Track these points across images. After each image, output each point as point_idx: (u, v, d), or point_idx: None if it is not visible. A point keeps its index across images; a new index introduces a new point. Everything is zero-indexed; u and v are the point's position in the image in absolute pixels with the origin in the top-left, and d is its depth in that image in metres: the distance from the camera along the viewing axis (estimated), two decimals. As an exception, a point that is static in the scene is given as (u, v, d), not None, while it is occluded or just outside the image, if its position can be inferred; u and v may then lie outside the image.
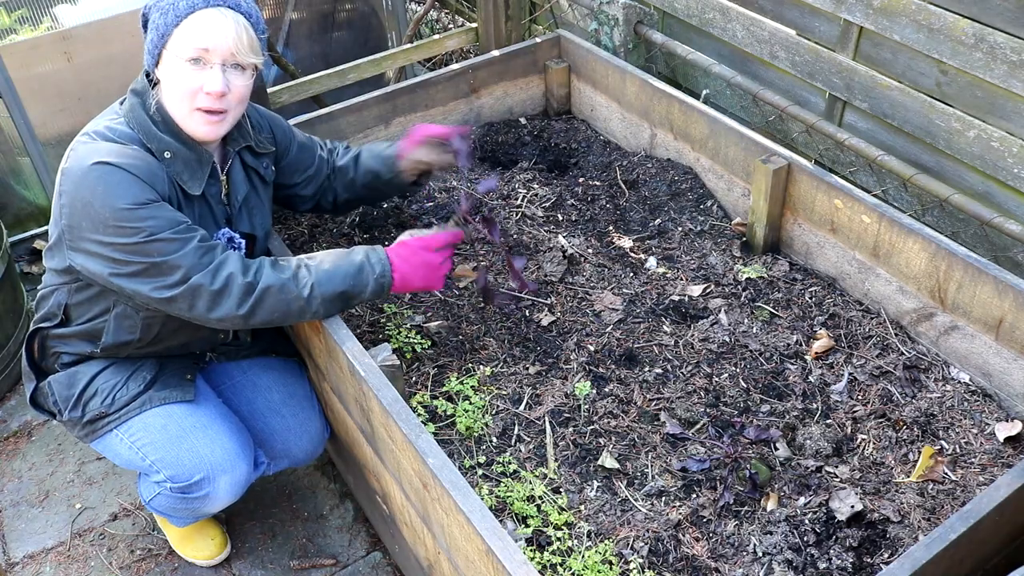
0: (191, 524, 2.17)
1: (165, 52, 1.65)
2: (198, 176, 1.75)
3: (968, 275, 1.78)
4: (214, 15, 1.63)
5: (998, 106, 2.05)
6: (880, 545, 1.56)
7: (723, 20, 2.66)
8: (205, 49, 1.63)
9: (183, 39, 1.62)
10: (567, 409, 1.84)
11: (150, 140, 1.69)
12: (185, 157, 1.73)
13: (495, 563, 1.31)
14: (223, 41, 1.63)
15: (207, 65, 1.64)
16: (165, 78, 1.68)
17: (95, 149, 1.64)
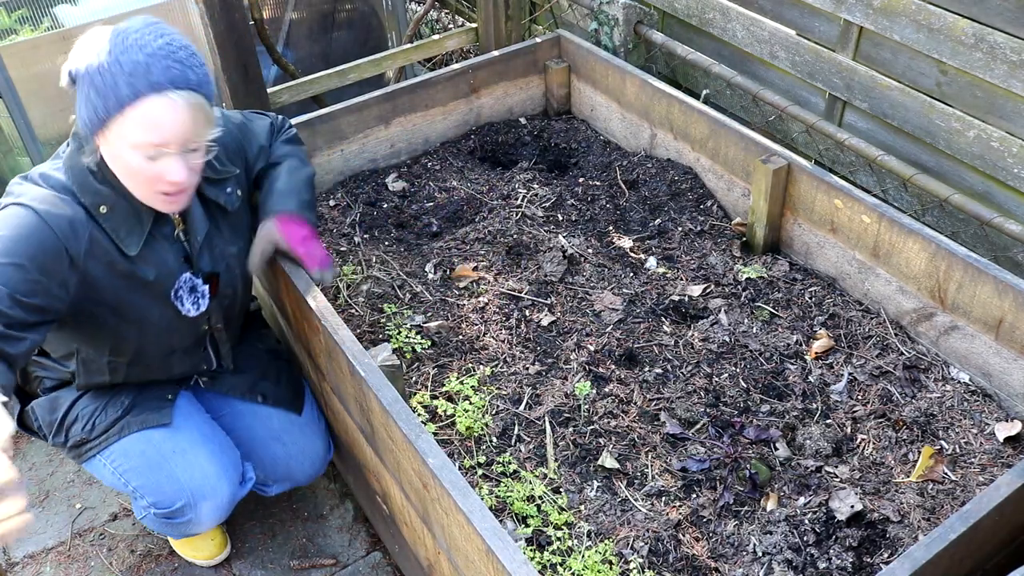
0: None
1: (107, 132, 1.51)
2: (136, 232, 1.63)
3: (968, 275, 1.78)
4: (163, 104, 1.47)
5: (998, 106, 2.05)
6: (880, 545, 1.56)
7: (723, 20, 2.66)
8: (159, 144, 1.50)
9: (131, 129, 1.48)
10: (567, 409, 1.84)
11: (84, 193, 1.57)
12: (123, 211, 1.61)
13: (495, 563, 1.31)
14: (178, 132, 1.49)
15: (163, 155, 1.52)
16: (112, 155, 1.55)
17: (21, 192, 1.55)
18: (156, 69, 1.46)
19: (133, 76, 1.45)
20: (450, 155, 2.65)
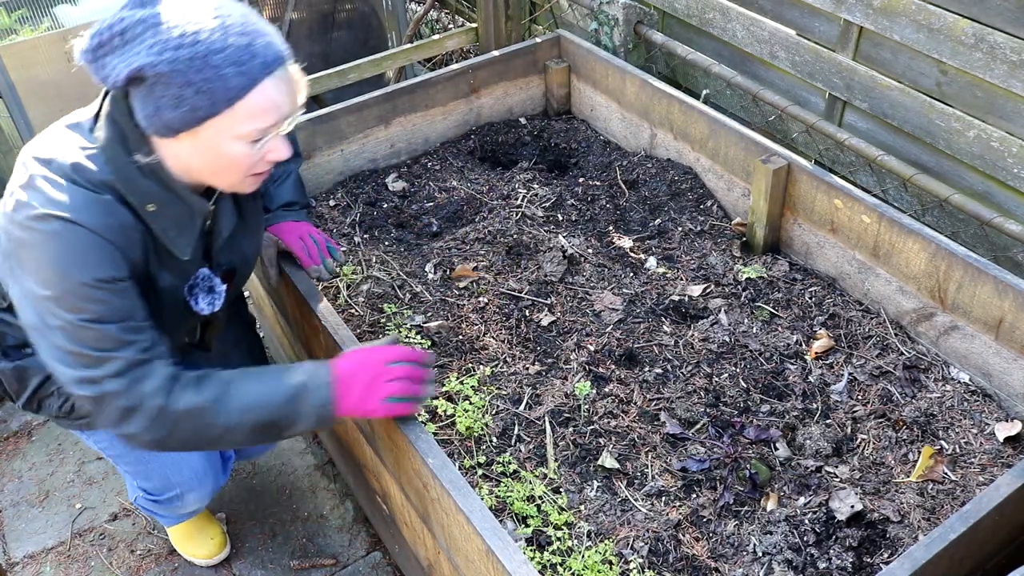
0: (188, 521, 2.17)
1: (201, 130, 1.32)
2: (187, 233, 1.47)
3: (968, 275, 1.78)
4: (274, 86, 1.32)
5: (998, 106, 2.05)
6: (880, 545, 1.56)
7: (723, 20, 2.66)
8: (270, 127, 1.35)
9: (240, 121, 1.31)
10: (567, 409, 1.84)
11: (130, 190, 1.37)
12: (175, 211, 1.43)
13: (495, 563, 1.31)
14: (287, 109, 1.35)
15: (268, 137, 1.37)
16: (198, 153, 1.36)
17: (56, 196, 1.33)
18: (259, 49, 1.29)
19: (241, 64, 1.26)
20: (450, 155, 2.65)
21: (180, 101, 1.26)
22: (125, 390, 1.37)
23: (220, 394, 1.42)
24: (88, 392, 1.37)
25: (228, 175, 1.40)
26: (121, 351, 1.36)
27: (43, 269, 1.32)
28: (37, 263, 1.32)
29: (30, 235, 1.32)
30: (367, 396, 1.45)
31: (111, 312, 1.35)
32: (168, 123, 1.30)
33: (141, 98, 1.29)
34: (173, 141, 1.34)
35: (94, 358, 1.35)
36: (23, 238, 1.33)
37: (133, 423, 1.39)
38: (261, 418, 1.43)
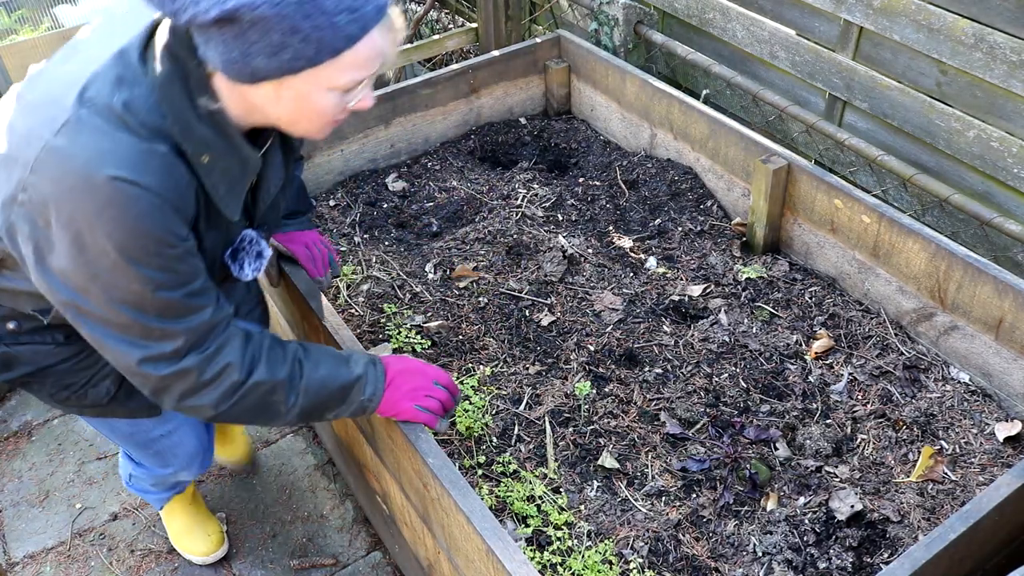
0: (186, 517, 2.19)
1: (295, 79, 1.15)
2: (237, 190, 1.30)
3: (968, 275, 1.78)
4: (381, 35, 1.17)
5: (998, 106, 2.05)
6: (880, 545, 1.56)
7: (723, 20, 2.66)
8: (368, 76, 1.21)
9: (342, 71, 1.16)
10: (567, 409, 1.84)
11: (187, 137, 1.19)
12: (227, 164, 1.26)
13: (495, 563, 1.31)
14: (387, 59, 1.22)
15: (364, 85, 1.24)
16: (279, 102, 1.20)
17: (106, 146, 1.13)
18: None
19: (355, 10, 1.11)
20: (450, 155, 2.65)
21: (280, 48, 1.10)
22: (205, 363, 1.29)
23: (292, 372, 1.37)
24: (161, 371, 1.27)
25: (309, 124, 1.26)
26: (193, 318, 1.26)
27: (98, 238, 1.14)
28: (90, 231, 1.14)
29: (78, 197, 1.13)
30: (406, 400, 1.48)
31: (177, 279, 1.22)
32: (257, 70, 1.13)
33: (225, 40, 1.10)
34: (250, 87, 1.17)
35: (164, 332, 1.24)
36: (66, 200, 1.13)
37: (204, 396, 1.32)
38: (316, 401, 1.41)
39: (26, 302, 1.41)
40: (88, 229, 1.14)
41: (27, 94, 1.29)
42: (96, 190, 1.12)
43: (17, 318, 1.45)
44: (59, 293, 1.22)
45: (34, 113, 1.21)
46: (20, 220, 1.18)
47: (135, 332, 1.23)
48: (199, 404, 1.33)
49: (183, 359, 1.27)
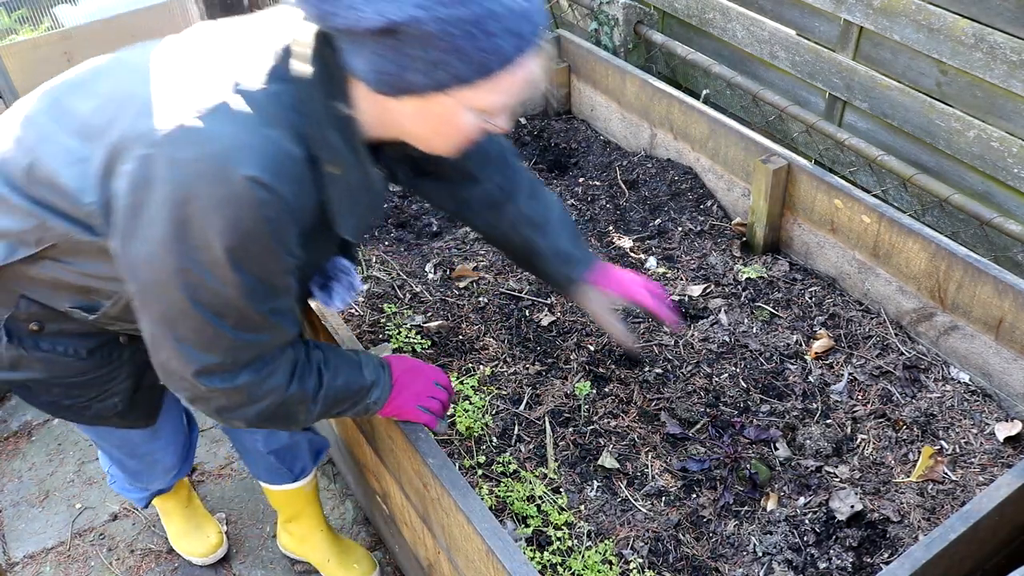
0: (185, 518, 2.17)
1: (443, 96, 1.11)
2: (356, 209, 1.25)
3: (968, 275, 1.78)
4: (536, 60, 1.14)
5: (998, 106, 2.05)
6: (880, 545, 1.56)
7: (723, 20, 2.66)
8: (516, 101, 1.17)
9: (492, 94, 1.12)
10: (567, 409, 1.84)
11: (320, 144, 1.15)
12: (352, 179, 1.21)
13: (495, 563, 1.31)
14: (536, 86, 1.18)
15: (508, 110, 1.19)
16: (417, 116, 1.16)
17: (249, 142, 1.08)
18: (535, 15, 1.09)
19: (519, 34, 1.07)
20: (450, 155, 2.64)
21: (437, 65, 1.06)
22: (258, 382, 1.25)
23: (317, 384, 1.35)
24: (214, 384, 1.23)
25: (444, 142, 1.21)
26: (263, 336, 1.22)
27: (207, 230, 1.08)
28: (201, 221, 1.08)
29: (204, 183, 1.07)
30: (409, 402, 1.49)
31: (269, 293, 1.18)
32: (408, 84, 1.09)
33: (380, 51, 1.06)
34: (393, 100, 1.12)
35: (233, 344, 1.20)
36: (190, 182, 1.07)
37: (244, 412, 1.29)
38: (331, 407, 1.39)
39: (68, 296, 1.34)
40: (200, 218, 1.07)
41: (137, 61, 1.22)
42: (227, 183, 1.06)
43: (42, 319, 1.38)
44: (137, 277, 1.15)
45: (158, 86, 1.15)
46: (123, 191, 1.11)
47: (203, 338, 1.18)
48: (235, 418, 1.31)
49: (238, 376, 1.24)
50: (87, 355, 1.45)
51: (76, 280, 1.30)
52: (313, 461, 1.98)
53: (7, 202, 1.26)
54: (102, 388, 1.52)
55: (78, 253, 1.26)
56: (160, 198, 1.08)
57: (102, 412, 1.56)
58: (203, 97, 1.10)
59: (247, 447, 1.91)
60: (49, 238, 1.25)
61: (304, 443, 1.93)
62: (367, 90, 1.13)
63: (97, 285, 1.30)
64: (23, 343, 1.40)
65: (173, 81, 1.15)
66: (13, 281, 1.33)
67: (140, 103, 1.14)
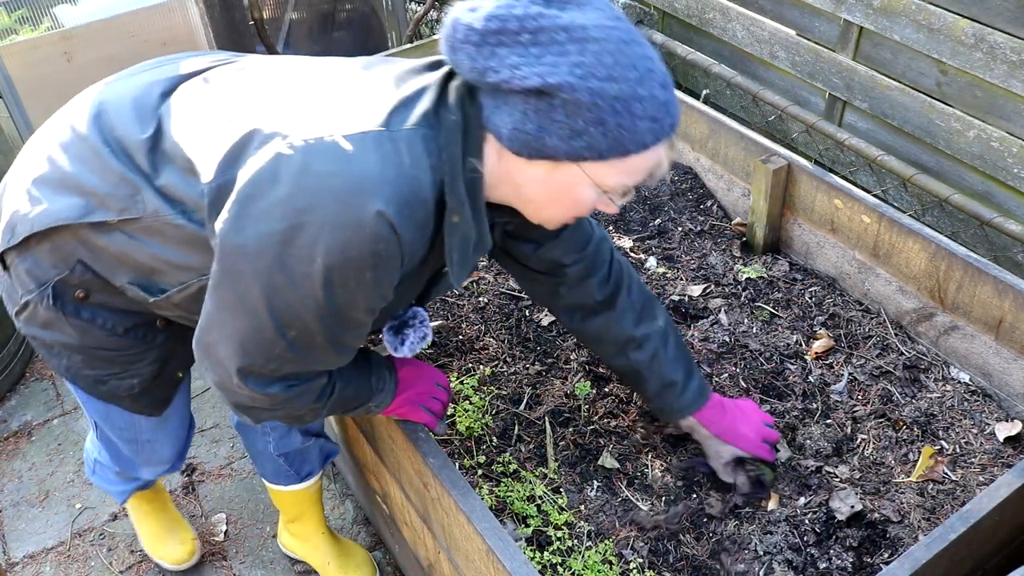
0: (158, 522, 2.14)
1: (573, 167, 1.14)
2: (467, 261, 1.25)
3: (968, 275, 1.78)
4: (666, 149, 1.17)
5: (998, 106, 2.05)
6: (880, 545, 1.56)
7: (723, 20, 2.66)
8: (635, 185, 1.20)
9: (621, 173, 1.15)
10: (567, 409, 1.84)
11: (451, 190, 1.16)
12: (468, 230, 1.21)
13: (495, 563, 1.31)
14: (657, 174, 1.20)
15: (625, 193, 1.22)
16: (541, 183, 1.18)
17: (390, 176, 1.09)
18: (672, 107, 1.13)
19: (657, 120, 1.11)
20: (450, 155, 2.64)
21: (578, 135, 1.09)
22: (287, 396, 1.28)
23: (329, 394, 1.36)
24: (248, 385, 1.24)
25: (555, 212, 1.24)
26: (316, 358, 1.24)
27: (315, 246, 1.09)
28: (313, 236, 1.08)
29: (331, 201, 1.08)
30: (410, 403, 1.52)
31: (342, 322, 1.19)
32: (544, 148, 1.11)
33: (526, 111, 1.09)
34: (523, 162, 1.16)
35: (283, 355, 1.20)
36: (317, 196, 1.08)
37: (262, 414, 1.32)
38: (334, 411, 1.42)
39: (129, 273, 1.33)
40: (313, 232, 1.08)
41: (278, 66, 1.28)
42: (355, 209, 1.07)
43: (90, 288, 1.37)
44: (226, 262, 1.15)
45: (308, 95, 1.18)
46: (245, 179, 1.12)
47: (259, 341, 1.18)
48: (247, 416, 1.33)
49: (271, 385, 1.25)
50: (123, 332, 1.44)
51: (145, 260, 1.30)
52: (321, 465, 1.98)
53: (104, 161, 1.26)
54: (126, 367, 1.51)
55: (159, 235, 1.26)
56: (280, 197, 1.09)
57: (117, 390, 1.55)
58: (356, 120, 1.12)
59: (258, 449, 1.90)
60: (136, 211, 1.25)
61: (315, 448, 1.93)
62: (499, 149, 1.16)
63: (166, 269, 1.30)
64: (64, 307, 1.39)
65: (323, 95, 1.17)
66: (75, 243, 1.32)
67: (290, 103, 1.17)
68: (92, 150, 1.28)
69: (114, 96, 1.32)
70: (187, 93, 1.29)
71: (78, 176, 1.29)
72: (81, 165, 1.29)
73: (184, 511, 2.31)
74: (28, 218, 1.32)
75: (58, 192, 1.31)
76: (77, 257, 1.34)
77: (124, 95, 1.31)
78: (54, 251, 1.34)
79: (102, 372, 1.52)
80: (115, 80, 1.38)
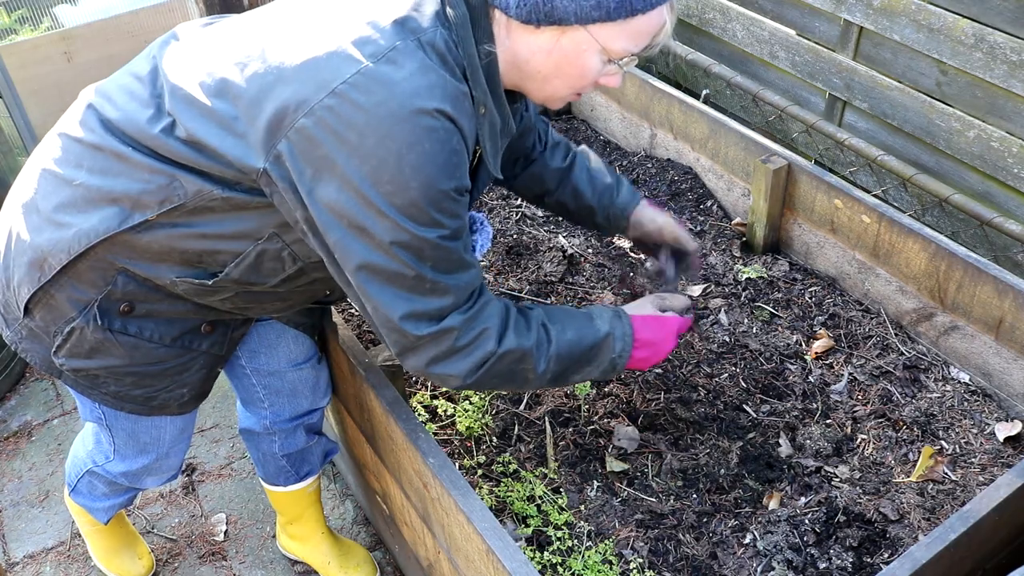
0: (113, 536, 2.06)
1: (580, 31, 1.17)
2: (496, 148, 1.28)
3: (968, 275, 1.78)
4: (669, 11, 1.20)
5: (998, 106, 2.05)
6: (880, 545, 1.56)
7: (723, 20, 2.66)
8: (640, 51, 1.22)
9: (626, 36, 1.18)
10: (567, 409, 1.84)
11: (475, 83, 1.19)
12: (493, 118, 1.24)
13: (495, 563, 1.31)
14: (658, 42, 1.23)
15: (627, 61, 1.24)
16: (549, 53, 1.20)
17: (433, 80, 1.12)
18: None
19: None
20: (450, 155, 2.65)
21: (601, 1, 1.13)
22: (465, 326, 1.24)
23: (541, 338, 1.33)
24: (421, 330, 1.22)
25: (561, 84, 1.25)
26: (462, 275, 1.22)
27: (404, 169, 1.10)
28: (398, 161, 1.10)
29: (397, 124, 1.09)
30: (651, 357, 1.47)
31: (460, 228, 1.19)
32: (554, 10, 1.14)
33: None
34: (532, 31, 1.17)
35: (435, 286, 1.19)
36: (383, 126, 1.09)
37: (456, 363, 1.27)
38: (564, 367, 1.37)
39: (176, 267, 1.31)
40: (396, 159, 1.10)
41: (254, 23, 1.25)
42: (418, 119, 1.10)
43: (134, 299, 1.35)
44: (332, 226, 1.15)
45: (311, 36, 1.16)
46: (301, 147, 1.12)
47: (405, 283, 1.19)
48: (448, 373, 1.28)
49: (445, 319, 1.23)
50: (170, 342, 1.43)
51: (193, 246, 1.28)
52: (321, 464, 1.97)
53: (128, 160, 1.24)
54: (175, 378, 1.50)
55: (208, 212, 1.25)
56: (350, 147, 1.10)
57: (167, 402, 1.54)
58: (377, 41, 1.12)
59: (263, 450, 1.88)
60: (176, 198, 1.24)
61: (317, 447, 1.92)
62: (507, 24, 1.18)
63: (219, 247, 1.28)
64: (111, 325, 1.37)
65: (324, 34, 1.16)
66: (116, 253, 1.30)
67: (296, 61, 1.14)
68: (112, 156, 1.26)
69: (110, 97, 1.29)
70: (176, 58, 1.26)
71: (103, 186, 1.26)
72: (103, 176, 1.26)
73: (184, 511, 2.31)
74: (61, 247, 1.29)
75: (85, 210, 1.28)
76: (118, 267, 1.32)
77: (118, 93, 1.29)
78: (94, 269, 1.32)
79: (152, 389, 1.50)
80: (104, 83, 1.34)
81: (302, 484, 1.96)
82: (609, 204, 1.72)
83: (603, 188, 1.72)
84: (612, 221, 1.73)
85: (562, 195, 1.72)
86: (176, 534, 2.26)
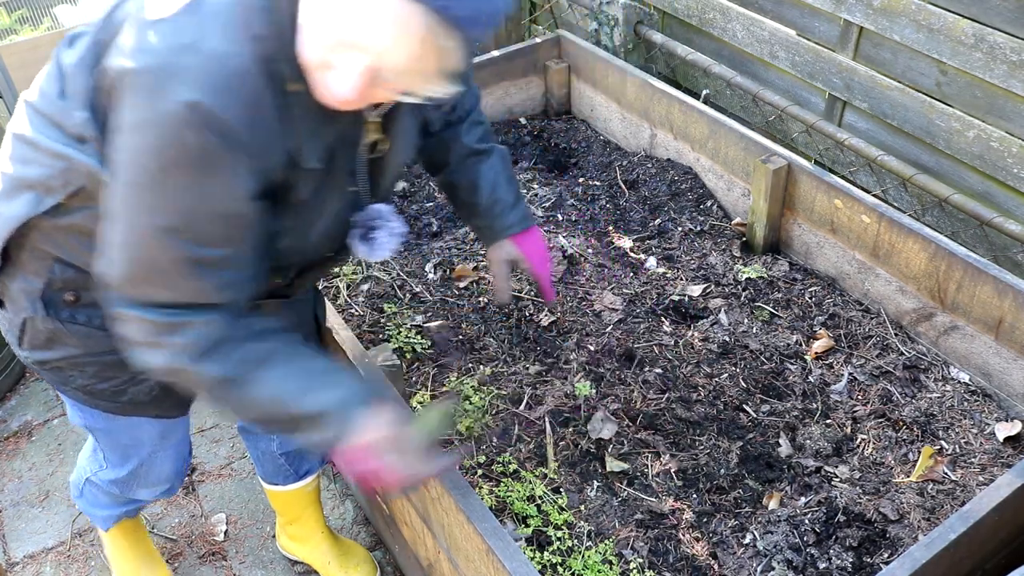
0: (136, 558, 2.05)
1: None
2: (325, 132, 1.16)
3: (968, 275, 1.78)
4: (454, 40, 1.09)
5: (998, 106, 2.05)
6: (880, 545, 1.56)
7: (723, 20, 2.66)
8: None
9: None
10: (567, 409, 1.84)
11: (283, 55, 1.06)
12: (313, 101, 1.12)
13: (495, 563, 1.31)
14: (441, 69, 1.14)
15: None
16: None
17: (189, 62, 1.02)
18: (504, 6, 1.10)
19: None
20: (450, 155, 2.64)
21: None
22: (160, 328, 1.16)
23: (234, 373, 1.20)
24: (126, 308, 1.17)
25: None
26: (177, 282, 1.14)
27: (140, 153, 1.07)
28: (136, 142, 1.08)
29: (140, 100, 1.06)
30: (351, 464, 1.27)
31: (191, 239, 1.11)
32: None
33: None
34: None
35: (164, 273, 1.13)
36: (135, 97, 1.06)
37: (140, 353, 1.20)
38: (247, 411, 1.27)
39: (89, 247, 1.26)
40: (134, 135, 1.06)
41: None
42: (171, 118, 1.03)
43: (77, 287, 1.35)
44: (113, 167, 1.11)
45: None
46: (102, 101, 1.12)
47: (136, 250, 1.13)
48: (137, 355, 1.21)
49: (148, 312, 1.16)
50: None
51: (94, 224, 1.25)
52: (320, 463, 1.97)
53: (37, 146, 1.25)
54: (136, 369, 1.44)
55: None
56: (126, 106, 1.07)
57: (137, 397, 1.51)
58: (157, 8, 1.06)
59: (261, 448, 1.88)
60: (77, 181, 1.23)
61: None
62: None
63: None
64: (59, 315, 1.37)
65: None
66: (44, 240, 1.31)
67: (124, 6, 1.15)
68: (28, 144, 1.26)
69: (36, 84, 1.30)
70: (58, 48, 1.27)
71: (21, 175, 1.28)
72: (23, 165, 1.28)
73: (184, 511, 2.31)
74: None
75: (12, 198, 1.30)
76: (53, 256, 1.33)
77: (41, 77, 1.29)
78: (33, 258, 1.33)
79: (117, 381, 1.48)
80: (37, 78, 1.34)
81: (301, 483, 1.96)
82: (495, 216, 1.68)
83: (499, 200, 1.66)
84: (485, 233, 1.72)
85: (458, 177, 1.65)
86: (176, 534, 2.26)
